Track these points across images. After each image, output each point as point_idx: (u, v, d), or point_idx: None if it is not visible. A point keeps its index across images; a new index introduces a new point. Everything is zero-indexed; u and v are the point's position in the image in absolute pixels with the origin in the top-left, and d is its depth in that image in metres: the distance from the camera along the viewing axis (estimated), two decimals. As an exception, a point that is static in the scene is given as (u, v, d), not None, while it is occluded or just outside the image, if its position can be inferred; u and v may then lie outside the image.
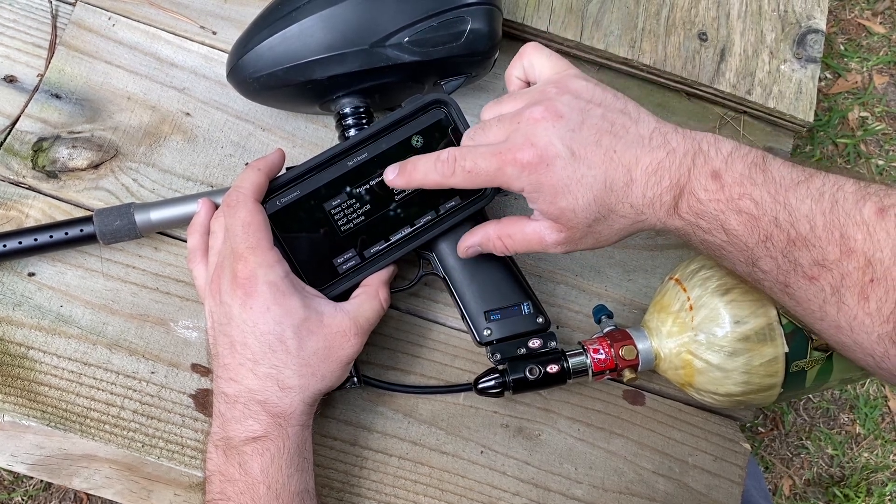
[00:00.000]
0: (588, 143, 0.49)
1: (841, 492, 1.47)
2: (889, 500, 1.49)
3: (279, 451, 0.50)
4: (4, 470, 1.31)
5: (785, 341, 0.55)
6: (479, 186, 0.51)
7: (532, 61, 0.55)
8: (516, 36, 0.73)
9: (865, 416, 1.53)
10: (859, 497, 1.47)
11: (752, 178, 0.47)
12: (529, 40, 0.73)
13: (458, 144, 0.58)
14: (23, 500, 1.31)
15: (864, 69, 1.76)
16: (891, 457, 1.52)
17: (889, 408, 1.54)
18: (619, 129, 0.50)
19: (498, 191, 0.59)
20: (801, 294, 0.47)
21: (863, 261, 0.44)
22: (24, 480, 1.32)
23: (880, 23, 1.79)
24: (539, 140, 0.49)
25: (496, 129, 0.51)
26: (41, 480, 1.30)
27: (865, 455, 1.51)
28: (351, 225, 0.57)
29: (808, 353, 0.55)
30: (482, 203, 0.58)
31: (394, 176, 0.54)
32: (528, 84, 0.56)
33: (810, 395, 1.53)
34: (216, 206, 0.58)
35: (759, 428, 1.52)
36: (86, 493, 1.31)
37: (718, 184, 0.48)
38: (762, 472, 1.44)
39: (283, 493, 0.50)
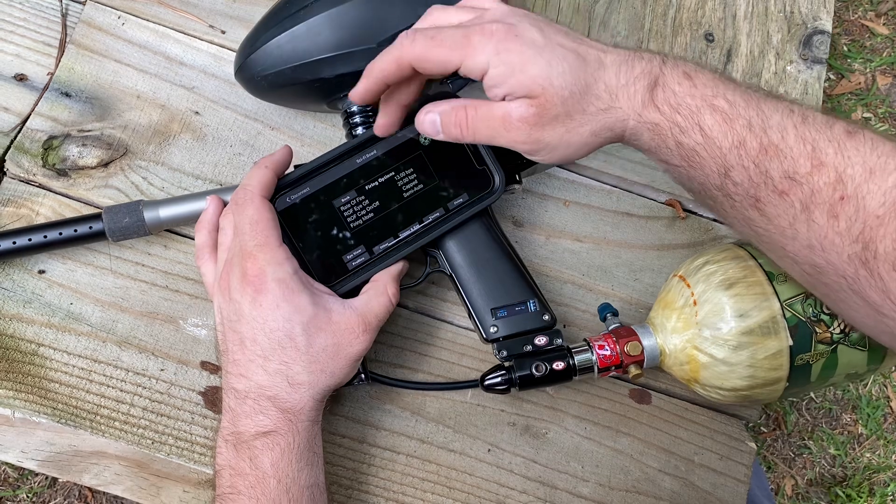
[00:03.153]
0: (556, 33, 0.49)
1: (843, 492, 1.47)
2: (891, 500, 1.49)
3: (289, 445, 0.51)
4: (10, 467, 1.31)
5: (789, 334, 0.55)
6: (440, 59, 0.48)
7: None
8: (523, 36, 0.73)
9: (868, 416, 1.53)
10: (861, 497, 1.47)
11: (724, 83, 0.48)
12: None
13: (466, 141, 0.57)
14: (28, 496, 1.31)
15: (868, 70, 1.76)
16: (893, 457, 1.52)
17: (891, 408, 1.55)
18: (576, 36, 0.51)
19: (506, 188, 0.59)
20: (771, 210, 0.47)
21: (833, 176, 0.44)
22: (29, 477, 1.32)
23: (884, 24, 1.79)
24: (506, 20, 0.49)
25: (454, 14, 0.51)
26: (46, 477, 1.31)
27: (868, 455, 1.52)
28: (360, 221, 0.58)
29: (813, 346, 0.55)
30: (490, 200, 0.59)
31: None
32: None
33: (812, 396, 1.54)
34: (224, 203, 0.58)
35: (762, 428, 1.52)
36: (90, 490, 1.31)
37: (691, 82, 0.48)
38: (764, 472, 1.45)
39: (294, 487, 0.50)
